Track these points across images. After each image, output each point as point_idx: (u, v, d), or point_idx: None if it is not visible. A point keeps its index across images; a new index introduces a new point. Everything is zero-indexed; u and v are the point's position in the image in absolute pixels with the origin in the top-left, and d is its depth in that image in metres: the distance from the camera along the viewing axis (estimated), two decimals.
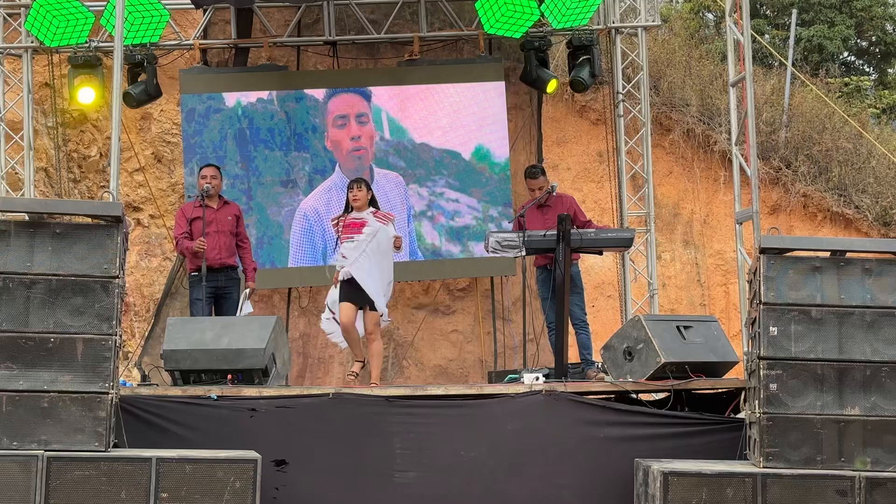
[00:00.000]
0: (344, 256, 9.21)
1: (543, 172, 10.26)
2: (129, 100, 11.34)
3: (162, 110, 12.77)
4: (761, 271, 7.33)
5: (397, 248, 9.31)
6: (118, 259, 7.00)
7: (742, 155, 9.52)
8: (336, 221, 9.44)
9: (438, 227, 12.26)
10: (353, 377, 9.38)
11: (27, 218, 7.08)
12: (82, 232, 7.01)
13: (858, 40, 20.94)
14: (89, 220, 7.27)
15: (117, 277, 6.98)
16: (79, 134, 12.83)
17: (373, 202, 9.41)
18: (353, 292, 9.15)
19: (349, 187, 9.42)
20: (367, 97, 12.22)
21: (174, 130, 12.86)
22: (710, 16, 20.77)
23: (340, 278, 9.21)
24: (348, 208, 9.38)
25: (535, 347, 11.35)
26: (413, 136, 12.25)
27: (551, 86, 11.93)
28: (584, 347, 9.95)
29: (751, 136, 9.04)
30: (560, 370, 8.88)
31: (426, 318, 12.91)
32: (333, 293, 9.42)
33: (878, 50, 21.03)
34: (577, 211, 9.89)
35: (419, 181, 12.25)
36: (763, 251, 7.39)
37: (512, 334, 12.70)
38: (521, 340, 11.77)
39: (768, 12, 20.90)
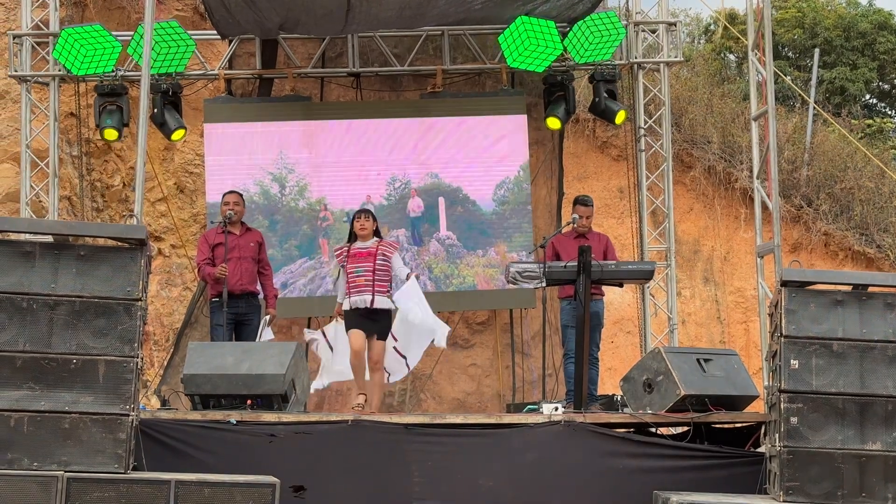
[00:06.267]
0: (357, 287, 9.27)
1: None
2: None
3: (185, 141, 12.84)
4: (783, 304, 7.30)
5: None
6: (141, 282, 7.03)
7: (763, 189, 9.51)
8: (339, 251, 9.48)
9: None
10: (359, 409, 9.28)
11: (52, 240, 7.13)
12: (106, 254, 7.05)
13: (881, 83, 20.94)
14: (113, 243, 7.32)
15: (140, 300, 7.01)
16: (103, 163, 12.92)
17: (377, 232, 9.49)
18: (363, 321, 9.18)
19: (355, 217, 9.48)
20: None
21: (197, 161, 12.93)
22: (731, 56, 20.83)
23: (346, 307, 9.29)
24: (352, 238, 9.45)
25: (553, 381, 11.33)
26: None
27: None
28: (591, 382, 9.91)
29: (772, 170, 9.03)
30: (578, 401, 8.85)
31: (444, 352, 12.86)
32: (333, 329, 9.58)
33: None
34: (609, 248, 9.90)
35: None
36: (784, 284, 7.36)
37: (531, 368, 12.66)
38: (539, 375, 11.76)
39: (790, 54, 20.96)
